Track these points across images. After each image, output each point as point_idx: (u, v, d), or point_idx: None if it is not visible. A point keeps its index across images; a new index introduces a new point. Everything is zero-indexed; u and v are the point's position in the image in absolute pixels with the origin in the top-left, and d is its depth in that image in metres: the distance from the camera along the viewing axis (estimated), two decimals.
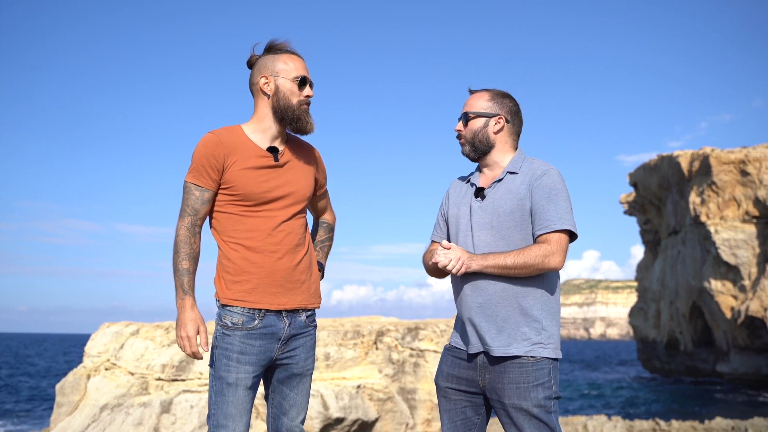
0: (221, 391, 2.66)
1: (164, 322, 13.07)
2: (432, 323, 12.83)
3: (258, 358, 2.68)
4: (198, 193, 2.71)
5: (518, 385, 2.68)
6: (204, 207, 2.73)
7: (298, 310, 2.77)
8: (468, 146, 2.86)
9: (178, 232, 2.71)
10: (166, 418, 10.74)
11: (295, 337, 2.76)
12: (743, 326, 37.58)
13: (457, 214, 2.85)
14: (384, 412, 11.54)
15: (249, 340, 2.67)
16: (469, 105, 2.88)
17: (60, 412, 12.10)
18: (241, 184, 2.70)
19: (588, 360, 77.91)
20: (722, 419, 21.92)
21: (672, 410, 30.73)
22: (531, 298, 2.73)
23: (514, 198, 2.73)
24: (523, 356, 2.69)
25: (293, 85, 2.75)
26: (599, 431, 19.48)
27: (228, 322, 2.68)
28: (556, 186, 2.72)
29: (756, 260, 37.89)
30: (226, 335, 2.68)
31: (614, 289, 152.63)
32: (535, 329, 2.71)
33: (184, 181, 2.75)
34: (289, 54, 2.79)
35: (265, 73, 2.76)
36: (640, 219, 51.52)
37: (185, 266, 2.67)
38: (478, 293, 2.73)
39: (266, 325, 2.69)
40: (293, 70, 2.76)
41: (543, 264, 2.66)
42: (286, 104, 2.74)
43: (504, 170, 2.81)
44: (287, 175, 2.78)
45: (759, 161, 37.95)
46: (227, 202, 2.73)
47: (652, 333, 50.02)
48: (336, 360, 11.83)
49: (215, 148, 2.70)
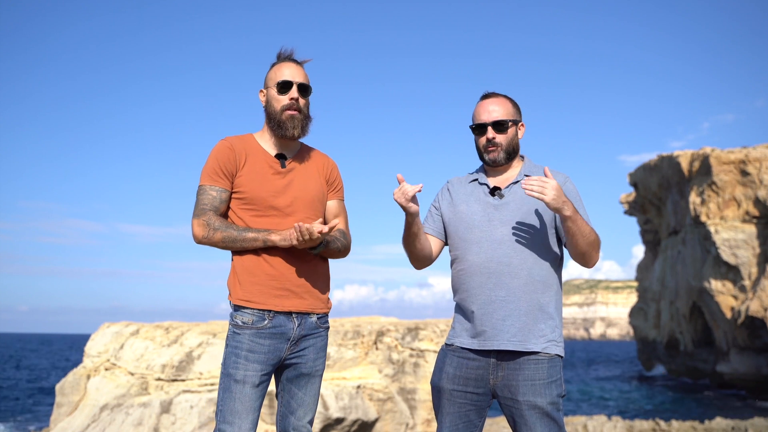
0: (229, 388, 2.69)
1: (164, 322, 13.07)
2: (432, 323, 12.83)
3: (267, 356, 2.72)
4: (215, 193, 2.77)
5: (533, 381, 2.70)
6: (222, 206, 2.79)
7: (308, 312, 2.81)
8: (503, 153, 2.87)
9: (209, 220, 2.73)
10: (166, 418, 10.73)
11: (305, 337, 2.80)
12: (743, 326, 37.55)
13: (467, 210, 2.86)
14: (384, 412, 11.53)
15: (258, 339, 2.71)
16: (503, 112, 2.88)
17: (60, 412, 12.10)
18: (249, 188, 2.76)
19: (588, 360, 77.87)
20: (722, 419, 21.91)
21: (672, 410, 30.72)
22: (548, 296, 2.78)
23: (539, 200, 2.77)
24: (540, 352, 2.72)
25: (276, 91, 2.83)
26: (599, 431, 19.48)
27: (239, 321, 2.73)
28: (578, 193, 2.87)
29: (756, 260, 37.86)
30: (236, 333, 2.73)
31: (614, 289, 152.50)
32: (551, 326, 2.76)
33: (199, 185, 2.80)
34: (281, 63, 2.87)
35: (263, 86, 2.90)
36: (641, 219, 51.48)
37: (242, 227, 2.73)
38: (501, 287, 2.74)
39: (276, 325, 2.73)
40: (277, 77, 2.83)
41: (597, 253, 2.76)
42: (272, 111, 2.84)
43: (520, 173, 2.89)
44: (294, 181, 2.83)
45: (759, 161, 37.91)
46: (238, 207, 2.79)
47: (652, 333, 49.99)
48: (336, 360, 11.82)
49: (228, 152, 2.79)
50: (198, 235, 2.74)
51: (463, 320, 2.84)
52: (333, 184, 2.98)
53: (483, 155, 2.91)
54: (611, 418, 20.94)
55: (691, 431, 21.04)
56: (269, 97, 2.84)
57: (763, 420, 21.76)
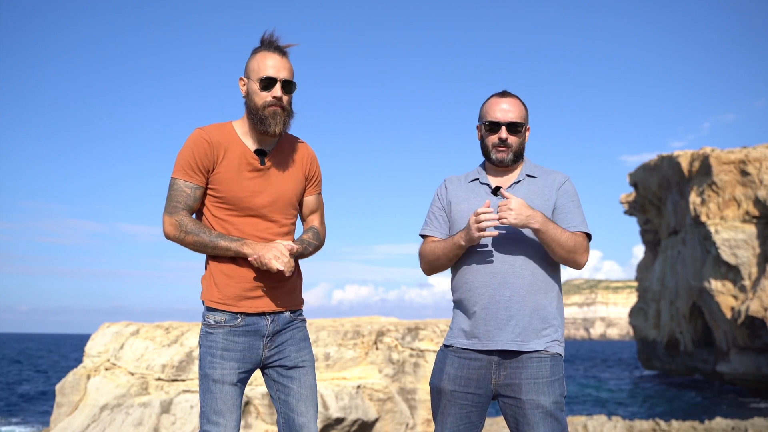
0: (208, 388, 2.66)
1: (164, 322, 13.06)
2: (432, 323, 12.83)
3: (242, 354, 2.68)
4: (189, 191, 2.68)
5: (537, 380, 2.70)
6: (196, 204, 2.71)
7: (281, 311, 2.76)
8: (511, 155, 2.85)
9: (182, 221, 2.65)
10: (166, 418, 10.74)
11: (280, 332, 2.75)
12: (743, 326, 37.56)
13: (469, 209, 2.84)
14: (384, 412, 11.54)
15: (232, 337, 2.67)
16: (518, 114, 2.86)
17: (60, 412, 12.10)
18: (225, 187, 2.68)
19: (588, 360, 77.89)
20: (722, 419, 21.92)
21: (672, 410, 30.73)
22: (551, 295, 2.78)
23: (540, 198, 2.81)
24: (542, 351, 2.72)
25: (258, 86, 2.67)
26: (599, 431, 19.48)
27: (211, 321, 2.69)
28: (576, 193, 2.89)
29: (756, 260, 37.87)
30: (209, 333, 2.69)
31: (614, 289, 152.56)
32: (553, 326, 2.76)
33: (172, 177, 2.70)
34: (264, 52, 2.71)
35: (243, 74, 2.75)
36: (641, 219, 51.50)
37: (214, 234, 2.65)
38: (505, 287, 2.73)
39: (249, 323, 2.70)
40: (260, 70, 2.68)
41: (581, 256, 2.76)
42: (253, 106, 2.69)
43: (522, 173, 2.89)
44: (272, 180, 2.74)
45: (759, 161, 37.93)
46: (213, 204, 2.71)
47: (652, 333, 50.00)
48: (336, 360, 11.83)
49: (205, 146, 2.67)
50: (169, 234, 2.68)
51: (464, 320, 2.81)
52: (312, 178, 2.88)
53: (490, 154, 2.87)
54: (611, 418, 20.94)
55: (691, 431, 21.04)
56: (250, 90, 2.70)
57: (763, 420, 21.76)
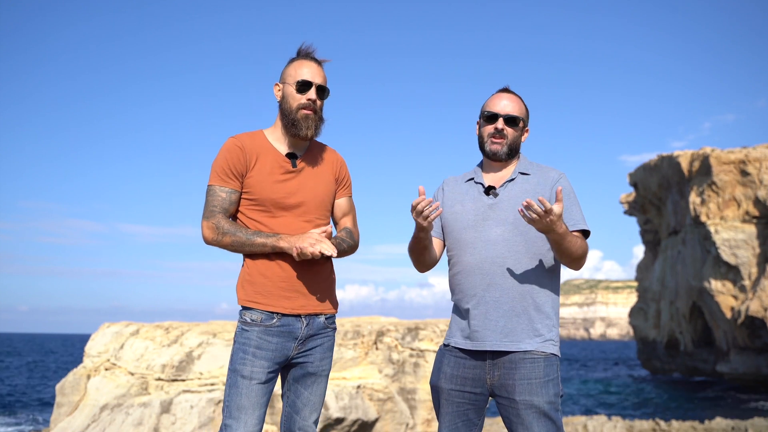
0: (236, 384, 2.72)
1: (164, 322, 13.07)
2: (432, 323, 12.84)
3: (274, 354, 2.74)
4: (225, 195, 2.78)
5: (530, 380, 2.69)
6: (232, 207, 2.80)
7: (317, 313, 2.83)
8: (506, 148, 2.85)
9: (218, 224, 2.74)
10: (166, 418, 10.74)
11: (312, 337, 2.82)
12: (743, 326, 37.57)
13: (462, 210, 2.84)
14: (384, 412, 11.54)
15: (266, 336, 2.73)
16: (517, 110, 2.87)
17: (60, 412, 12.10)
18: (258, 189, 2.77)
19: (588, 360, 77.90)
20: (722, 419, 21.92)
21: (672, 410, 30.73)
22: (544, 295, 2.77)
23: (533, 196, 2.76)
24: (534, 351, 2.71)
25: (294, 89, 2.80)
26: (599, 431, 19.48)
27: (248, 318, 2.76)
28: (572, 189, 2.85)
29: (756, 260, 37.88)
30: (244, 330, 2.76)
31: (614, 289, 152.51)
32: (547, 326, 2.75)
33: (209, 185, 2.80)
34: (301, 60, 2.85)
35: (279, 81, 2.88)
36: (641, 219, 51.50)
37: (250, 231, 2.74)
38: (494, 288, 2.73)
39: (284, 324, 2.76)
40: (297, 75, 2.81)
41: (582, 259, 2.74)
42: (288, 109, 2.81)
43: (515, 171, 2.86)
44: (304, 181, 2.83)
45: (759, 161, 37.94)
46: (247, 208, 2.80)
47: (652, 333, 49.99)
48: (336, 360, 11.83)
49: (238, 152, 2.78)
50: (207, 238, 2.77)
51: (459, 320, 2.83)
52: (342, 181, 2.98)
53: (485, 145, 2.87)
54: (611, 418, 20.95)
55: (691, 431, 21.05)
56: (286, 94, 2.83)
57: (763, 420, 21.77)
